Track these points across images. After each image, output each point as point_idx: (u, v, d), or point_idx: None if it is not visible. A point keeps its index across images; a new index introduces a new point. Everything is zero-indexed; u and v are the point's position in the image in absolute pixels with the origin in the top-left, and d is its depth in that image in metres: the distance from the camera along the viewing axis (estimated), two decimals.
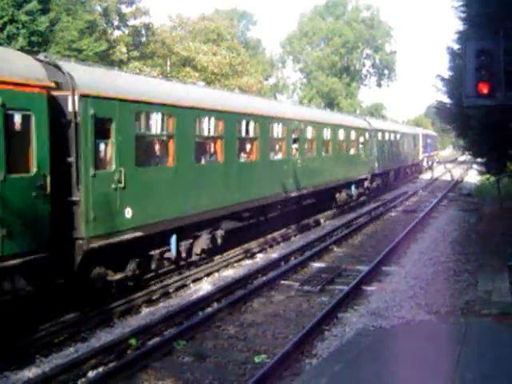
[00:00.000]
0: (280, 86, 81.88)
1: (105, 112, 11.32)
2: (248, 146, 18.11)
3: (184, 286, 14.20)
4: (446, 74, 22.54)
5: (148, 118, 13.03)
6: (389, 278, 14.67)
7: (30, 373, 9.07)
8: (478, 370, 8.20)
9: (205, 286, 14.16)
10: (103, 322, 11.39)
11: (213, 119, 15.48)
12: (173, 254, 14.09)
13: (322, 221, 24.43)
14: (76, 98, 10.67)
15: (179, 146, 13.89)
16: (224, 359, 9.60)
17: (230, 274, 15.46)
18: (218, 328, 11.10)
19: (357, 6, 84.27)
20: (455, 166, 72.14)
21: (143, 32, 42.69)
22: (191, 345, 10.25)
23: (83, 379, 8.82)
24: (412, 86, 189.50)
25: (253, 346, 10.20)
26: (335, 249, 18.68)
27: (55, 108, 10.56)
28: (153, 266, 13.53)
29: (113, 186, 11.58)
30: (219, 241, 16.22)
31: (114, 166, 11.69)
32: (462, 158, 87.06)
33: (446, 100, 23.12)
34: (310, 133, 22.66)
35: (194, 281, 14.62)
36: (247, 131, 17.68)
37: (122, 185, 11.76)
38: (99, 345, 10.02)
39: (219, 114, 15.72)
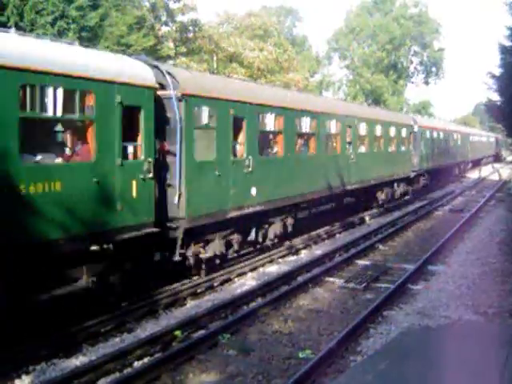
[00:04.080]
0: (325, 82, 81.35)
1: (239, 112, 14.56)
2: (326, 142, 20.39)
3: (229, 280, 14.26)
4: (497, 71, 22.13)
5: (264, 118, 16.01)
6: (435, 277, 14.49)
7: (78, 361, 9.22)
8: None
9: (249, 281, 14.21)
10: (149, 313, 11.53)
11: (308, 119, 18.45)
12: (252, 236, 15.75)
13: (366, 219, 24.25)
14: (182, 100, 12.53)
15: (286, 139, 16.90)
16: (268, 353, 9.61)
17: (274, 269, 15.47)
18: (263, 322, 11.12)
19: (405, 2, 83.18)
20: (503, 166, 70.77)
21: (190, 28, 42.93)
22: (236, 338, 10.29)
23: (129, 369, 8.91)
24: (460, 83, 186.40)
25: (297, 341, 10.18)
26: (380, 247, 18.52)
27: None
28: (236, 247, 15.03)
29: (245, 170, 14.60)
30: (289, 228, 17.74)
31: (245, 155, 14.59)
32: (511, 158, 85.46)
33: (497, 98, 22.70)
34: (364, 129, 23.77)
35: (238, 275, 14.68)
36: (329, 129, 20.48)
37: (251, 169, 14.68)
38: (145, 336, 10.14)
39: (313, 115, 18.75)
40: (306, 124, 18.31)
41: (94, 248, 10.29)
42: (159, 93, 12.14)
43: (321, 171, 19.38)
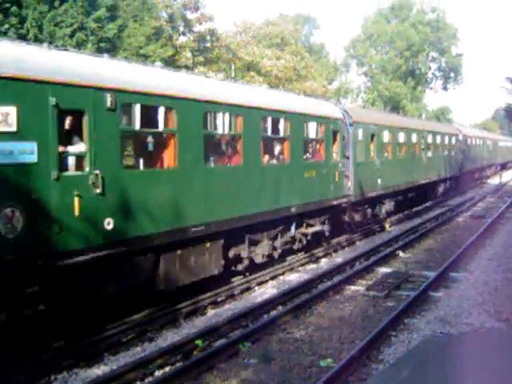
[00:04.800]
0: (343, 89, 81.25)
1: (372, 131, 22.58)
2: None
3: (249, 288, 14.26)
4: None
5: (383, 133, 23.93)
6: (456, 284, 14.36)
7: (99, 370, 9.26)
8: None
9: (269, 290, 14.19)
10: (170, 322, 11.55)
11: (415, 134, 28.33)
12: (377, 209, 23.96)
13: (387, 226, 24.15)
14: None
15: (394, 149, 25.04)
16: (289, 362, 9.56)
17: (294, 277, 15.45)
18: (283, 331, 11.08)
19: (422, 8, 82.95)
20: None
21: (208, 37, 43.15)
22: (256, 347, 10.26)
23: (150, 378, 8.93)
24: (479, 88, 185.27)
25: (318, 349, 10.13)
26: (401, 254, 18.41)
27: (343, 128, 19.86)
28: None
29: (372, 168, 22.36)
30: (392, 208, 25.62)
31: (375, 158, 22.76)
32: None
33: None
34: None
35: (258, 284, 14.68)
36: (412, 139, 28.54)
37: (378, 167, 22.70)
38: (166, 345, 10.16)
39: (418, 132, 28.81)
40: (412, 138, 27.85)
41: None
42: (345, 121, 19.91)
43: (408, 169, 27.03)
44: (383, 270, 16.21)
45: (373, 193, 22.31)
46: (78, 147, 9.62)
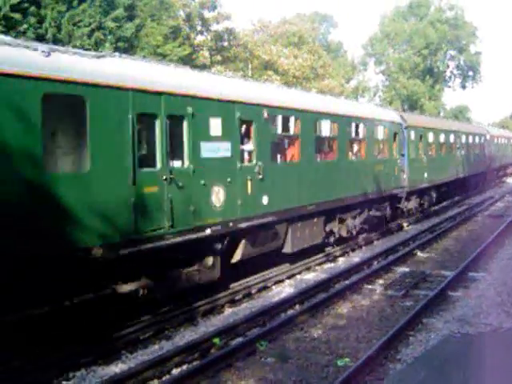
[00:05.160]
0: (361, 88, 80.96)
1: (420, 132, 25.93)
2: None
3: (266, 287, 14.27)
4: None
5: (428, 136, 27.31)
6: (475, 284, 14.25)
7: (117, 368, 9.32)
8: None
9: (286, 288, 14.19)
10: (187, 320, 11.59)
11: (464, 136, 34.20)
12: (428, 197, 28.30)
13: (404, 225, 24.06)
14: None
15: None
16: (306, 361, 9.56)
17: (311, 276, 15.44)
18: (301, 330, 11.08)
19: (440, 6, 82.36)
20: None
21: (225, 36, 43.22)
22: (274, 346, 10.27)
23: (167, 376, 8.97)
24: (498, 86, 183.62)
25: (335, 349, 10.12)
26: (419, 253, 18.32)
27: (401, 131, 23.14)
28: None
29: (421, 164, 25.59)
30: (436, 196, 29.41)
31: (423, 156, 26.14)
32: None
33: None
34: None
35: (275, 283, 14.68)
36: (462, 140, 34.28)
37: (425, 163, 26.03)
38: (183, 343, 10.20)
39: (460, 133, 33.89)
40: (450, 138, 31.28)
41: None
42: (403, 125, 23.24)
43: (446, 165, 30.45)
44: (401, 269, 16.14)
45: (421, 185, 25.83)
46: (249, 146, 13.56)
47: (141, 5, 32.25)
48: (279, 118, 14.56)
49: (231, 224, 12.60)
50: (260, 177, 13.48)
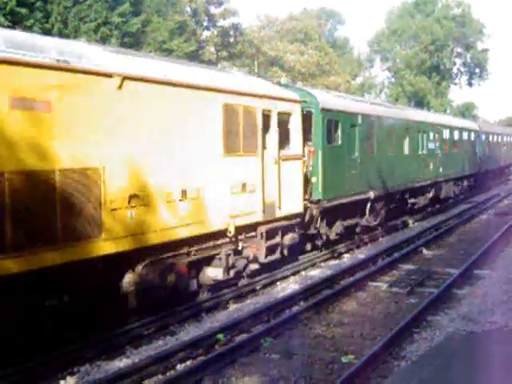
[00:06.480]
0: (367, 85, 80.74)
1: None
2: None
3: (271, 283, 14.25)
4: None
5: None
6: (481, 282, 14.20)
7: (121, 363, 9.30)
8: None
9: (291, 285, 14.17)
10: (192, 316, 11.58)
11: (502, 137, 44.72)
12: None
13: (410, 222, 24.01)
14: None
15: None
16: (311, 358, 9.54)
17: (316, 273, 15.42)
18: (305, 326, 11.06)
19: (447, 2, 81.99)
20: None
21: (231, 32, 43.15)
22: (278, 342, 10.25)
23: (172, 372, 8.96)
24: (504, 83, 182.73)
25: (340, 345, 10.09)
26: (424, 251, 18.27)
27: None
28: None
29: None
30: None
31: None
32: None
33: None
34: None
35: (280, 279, 14.66)
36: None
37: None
38: (188, 339, 10.18)
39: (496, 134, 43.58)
40: (493, 138, 39.79)
41: None
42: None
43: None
44: (406, 266, 16.11)
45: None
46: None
47: (147, 0, 32.24)
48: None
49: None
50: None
